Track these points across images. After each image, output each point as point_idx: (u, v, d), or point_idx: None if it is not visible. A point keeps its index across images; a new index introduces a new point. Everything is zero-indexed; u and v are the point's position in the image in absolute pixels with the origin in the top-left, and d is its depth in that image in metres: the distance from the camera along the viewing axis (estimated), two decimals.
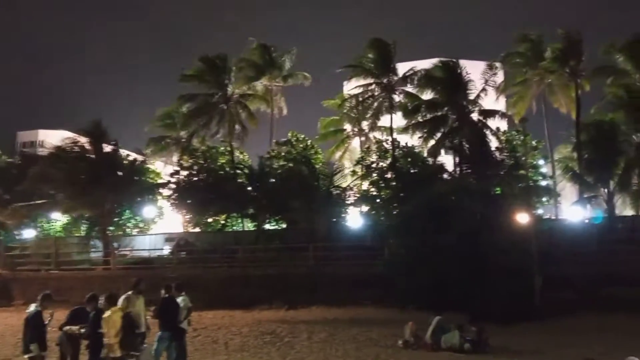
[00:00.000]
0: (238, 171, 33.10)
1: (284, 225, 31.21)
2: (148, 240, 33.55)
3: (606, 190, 27.77)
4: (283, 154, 33.96)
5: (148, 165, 36.13)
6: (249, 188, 31.30)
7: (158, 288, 11.53)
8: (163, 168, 39.02)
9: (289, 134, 36.80)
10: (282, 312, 22.38)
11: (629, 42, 32.34)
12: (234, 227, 33.18)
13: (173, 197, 32.53)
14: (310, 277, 23.66)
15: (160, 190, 33.73)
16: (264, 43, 38.90)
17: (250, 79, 36.22)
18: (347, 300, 22.19)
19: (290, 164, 32.45)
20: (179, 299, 11.50)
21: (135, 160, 33.83)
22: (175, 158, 37.26)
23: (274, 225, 32.02)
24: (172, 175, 33.54)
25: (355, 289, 22.61)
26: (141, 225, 35.77)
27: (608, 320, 17.84)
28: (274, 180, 31.05)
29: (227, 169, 33.78)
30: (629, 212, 30.50)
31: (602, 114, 32.40)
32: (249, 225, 33.03)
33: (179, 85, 35.76)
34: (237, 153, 36.19)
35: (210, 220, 33.55)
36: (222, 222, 33.08)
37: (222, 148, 36.10)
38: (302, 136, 36.50)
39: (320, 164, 34.57)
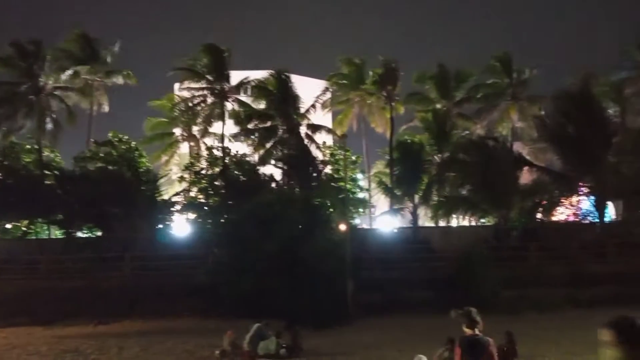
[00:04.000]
0: (47, 172, 29.61)
1: (99, 233, 28.73)
2: None
3: (412, 203, 31.06)
4: (102, 155, 31.30)
5: None
6: (59, 191, 28.16)
7: None
8: None
9: (110, 134, 34.12)
10: (91, 327, 20.48)
11: (436, 72, 37.01)
12: (39, 235, 29.54)
13: None
14: (126, 289, 22.10)
15: None
16: (85, 33, 35.65)
17: (65, 69, 32.77)
18: (166, 312, 21.22)
19: (110, 167, 30.06)
20: None
21: None
22: None
23: (87, 233, 29.28)
24: None
25: (176, 299, 21.73)
26: None
27: (409, 320, 19.83)
28: (89, 183, 28.39)
29: (33, 169, 30.00)
30: (430, 223, 34.53)
31: (411, 135, 36.43)
32: (57, 233, 29.72)
33: None
34: (47, 152, 32.38)
35: (9, 226, 29.41)
36: (24, 228, 29.23)
37: (29, 145, 32.01)
38: (126, 137, 34.10)
39: (145, 168, 32.68)
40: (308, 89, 33.90)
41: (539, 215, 29.76)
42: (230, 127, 33.37)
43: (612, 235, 26.73)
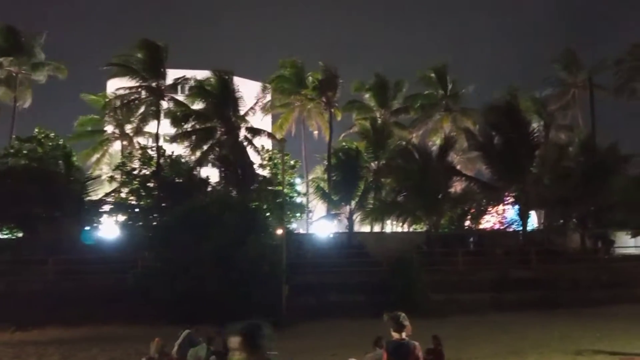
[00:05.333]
0: None
1: (20, 235, 27.02)
2: None
3: (348, 208, 31.50)
4: (26, 151, 29.51)
5: None
6: None
7: None
8: None
9: (36, 130, 32.24)
10: (8, 334, 19.18)
11: (374, 82, 37.87)
12: None
13: None
14: (48, 294, 20.86)
15: None
16: (10, 25, 33.59)
17: None
18: (91, 318, 20.23)
19: (35, 164, 28.37)
20: None
21: None
22: None
23: (6, 234, 27.46)
24: None
25: (102, 305, 20.75)
26: None
27: (343, 324, 20.04)
28: (10, 181, 26.66)
29: None
30: (365, 228, 35.12)
31: (349, 141, 37.01)
32: None
33: None
34: None
35: None
36: None
37: None
38: (52, 134, 32.34)
39: (73, 166, 31.10)
40: (248, 91, 33.64)
41: (467, 223, 31.07)
42: (165, 126, 32.47)
43: (534, 242, 28.33)
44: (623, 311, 19.15)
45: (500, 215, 33.78)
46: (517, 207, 30.44)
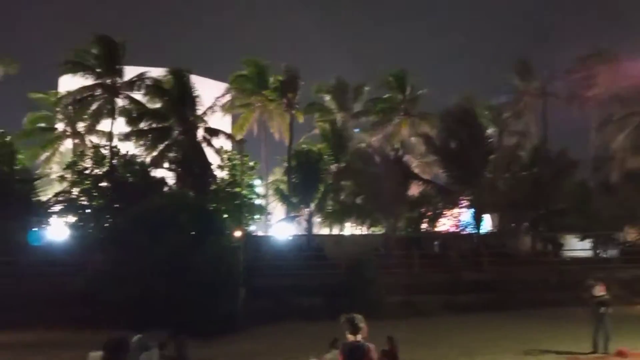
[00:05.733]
0: None
1: None
2: None
3: (307, 210, 31.48)
4: None
5: None
6: None
7: None
8: None
9: None
10: None
11: (334, 85, 38.07)
12: None
13: None
14: None
15: None
16: None
17: None
18: (39, 323, 19.34)
19: None
20: None
21: None
22: None
23: None
24: None
25: (51, 309, 19.86)
26: None
27: (300, 327, 19.95)
28: None
29: None
30: (324, 231, 35.18)
31: (310, 144, 37.03)
32: None
33: None
34: None
35: None
36: None
37: None
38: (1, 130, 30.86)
39: (21, 165, 29.80)
40: (208, 91, 33.12)
41: (424, 225, 31.59)
42: (120, 125, 31.56)
43: (488, 245, 29.08)
44: (570, 312, 19.84)
45: (456, 219, 34.55)
46: (471, 210, 31.19)
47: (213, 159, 30.96)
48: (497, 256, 27.36)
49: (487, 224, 34.09)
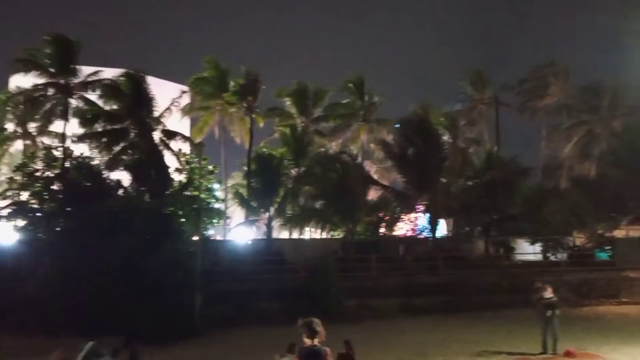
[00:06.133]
0: None
1: None
2: None
3: (267, 214, 31.40)
4: None
5: None
6: None
7: None
8: None
9: None
10: None
11: (294, 89, 38.16)
12: None
13: None
14: None
15: None
16: None
17: None
18: None
19: None
20: None
21: None
22: None
23: None
24: None
25: None
26: None
27: (258, 332, 19.88)
28: None
29: None
30: (284, 235, 35.16)
31: (270, 148, 36.97)
32: None
33: None
34: None
35: None
36: None
37: None
38: None
39: None
40: (167, 93, 32.57)
41: (382, 230, 32.09)
42: (74, 126, 30.66)
43: (442, 249, 29.79)
44: (521, 314, 20.52)
45: (413, 223, 35.23)
46: (427, 215, 31.89)
47: (171, 162, 30.45)
48: (451, 260, 28.03)
49: (443, 228, 34.94)
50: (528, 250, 31.09)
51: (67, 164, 28.80)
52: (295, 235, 34.65)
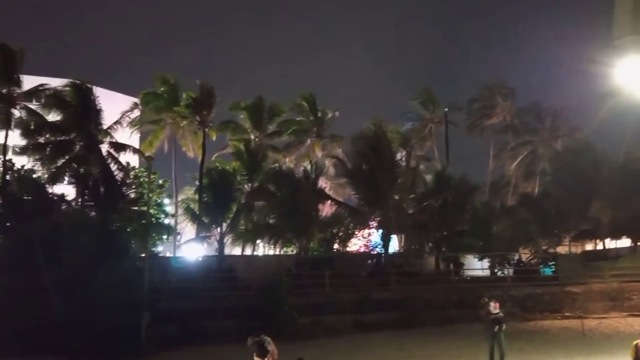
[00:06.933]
0: None
1: None
2: None
3: (219, 230, 30.83)
4: None
5: None
6: None
7: None
8: None
9: None
10: None
11: (250, 103, 37.95)
12: None
13: None
14: None
15: None
16: None
17: None
18: None
19: None
20: None
21: None
22: None
23: None
24: None
25: None
26: None
27: (207, 351, 19.33)
28: None
29: None
30: (236, 251, 34.56)
31: (223, 162, 36.46)
32: None
33: None
34: None
35: None
36: None
37: None
38: None
39: None
40: (116, 105, 31.69)
41: (335, 246, 32.10)
42: (16, 137, 29.31)
43: (395, 265, 30.08)
44: (470, 328, 20.98)
45: (366, 239, 35.45)
46: (380, 231, 32.16)
47: (119, 176, 29.49)
48: (403, 275, 28.34)
49: (395, 244, 35.35)
50: (476, 266, 31.84)
51: (7, 177, 27.43)
52: (248, 251, 34.14)
